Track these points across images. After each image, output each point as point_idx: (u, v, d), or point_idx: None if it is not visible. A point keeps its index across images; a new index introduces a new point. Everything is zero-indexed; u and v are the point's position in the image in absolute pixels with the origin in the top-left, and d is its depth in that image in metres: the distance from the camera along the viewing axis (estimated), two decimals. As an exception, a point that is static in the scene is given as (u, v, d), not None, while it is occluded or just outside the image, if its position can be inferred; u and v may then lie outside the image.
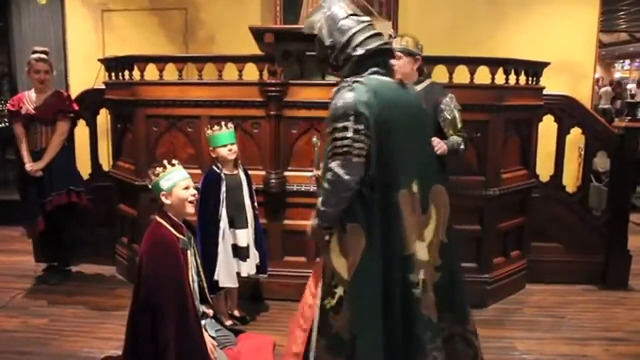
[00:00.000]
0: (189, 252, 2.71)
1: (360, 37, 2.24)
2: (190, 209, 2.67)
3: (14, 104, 4.27)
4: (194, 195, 2.67)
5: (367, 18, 2.35)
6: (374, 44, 2.24)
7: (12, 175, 4.37)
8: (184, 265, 2.63)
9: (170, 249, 2.58)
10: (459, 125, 3.30)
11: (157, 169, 2.65)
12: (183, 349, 2.53)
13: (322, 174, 2.27)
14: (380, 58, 2.27)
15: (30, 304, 3.95)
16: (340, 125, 2.12)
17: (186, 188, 2.64)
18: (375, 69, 2.25)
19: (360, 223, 2.17)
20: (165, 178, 2.61)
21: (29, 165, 4.15)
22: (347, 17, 2.28)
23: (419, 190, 2.26)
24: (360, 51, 2.23)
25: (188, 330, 2.57)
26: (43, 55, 4.24)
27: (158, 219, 2.64)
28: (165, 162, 2.68)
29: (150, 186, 2.67)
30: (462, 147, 3.29)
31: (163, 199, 2.61)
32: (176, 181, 2.62)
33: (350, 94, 2.14)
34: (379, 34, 2.30)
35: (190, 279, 2.71)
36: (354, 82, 2.18)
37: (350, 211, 2.19)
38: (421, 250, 2.25)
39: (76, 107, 4.42)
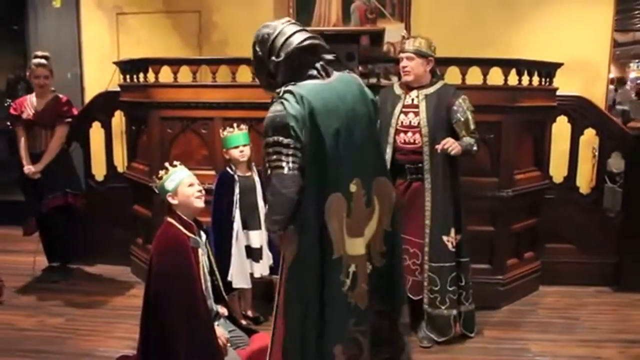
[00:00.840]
0: (200, 250, 2.74)
1: (280, 40, 2.23)
2: (198, 203, 2.69)
3: (16, 108, 4.37)
4: (200, 191, 2.70)
5: (286, 18, 2.34)
6: (295, 42, 2.21)
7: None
8: (195, 264, 2.66)
9: (180, 247, 2.61)
10: (472, 127, 3.30)
11: (160, 172, 2.71)
12: (193, 348, 2.56)
13: (265, 184, 2.28)
14: (310, 56, 2.24)
15: (47, 304, 4.00)
16: (271, 140, 2.14)
17: (190, 185, 2.69)
18: (310, 72, 2.23)
19: (295, 226, 2.22)
20: (169, 179, 2.67)
21: (27, 168, 4.25)
22: (263, 27, 2.29)
23: (361, 187, 2.29)
24: (282, 55, 2.21)
25: (198, 329, 2.59)
26: (43, 61, 4.32)
27: (169, 219, 2.69)
28: (166, 164, 2.73)
29: (156, 191, 2.72)
30: (474, 148, 3.29)
31: (170, 199, 2.67)
32: (180, 180, 2.67)
33: (279, 106, 2.13)
34: (302, 30, 2.27)
35: (202, 278, 2.74)
36: (285, 92, 2.16)
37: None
38: (355, 246, 2.29)
39: (75, 112, 4.50)
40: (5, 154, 6.20)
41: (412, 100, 3.36)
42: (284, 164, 2.13)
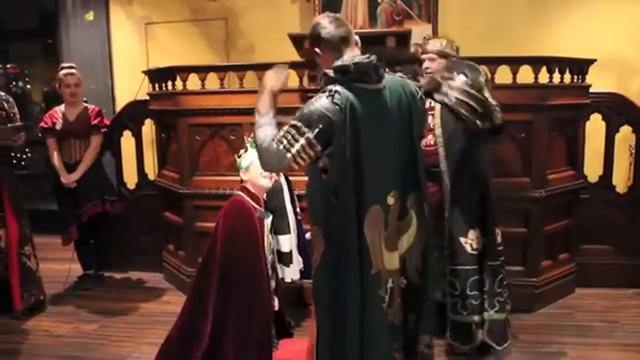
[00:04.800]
0: (266, 221, 3.04)
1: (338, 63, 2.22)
2: (264, 182, 2.97)
3: (47, 122, 4.43)
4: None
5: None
6: (352, 66, 2.18)
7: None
8: (260, 231, 2.93)
9: (245, 210, 2.89)
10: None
11: (240, 151, 3.07)
12: (242, 327, 2.76)
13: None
14: (368, 71, 2.21)
15: (81, 310, 4.08)
16: (303, 128, 2.10)
17: None
18: (362, 76, 2.18)
19: (321, 228, 2.20)
20: (245, 158, 3.00)
21: (65, 178, 4.30)
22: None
23: (397, 200, 2.26)
24: (338, 75, 2.19)
25: (256, 301, 2.81)
26: (72, 70, 4.42)
27: (238, 191, 3.00)
28: (247, 144, 3.02)
29: (236, 166, 3.07)
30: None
31: (242, 175, 3.01)
32: (252, 160, 2.90)
33: (329, 104, 2.10)
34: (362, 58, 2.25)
35: (266, 248, 3.01)
36: (335, 91, 2.12)
37: (317, 212, 2.23)
38: (391, 260, 2.26)
39: (107, 122, 4.60)
40: (41, 165, 6.33)
41: (430, 102, 3.19)
42: (295, 157, 2.11)
